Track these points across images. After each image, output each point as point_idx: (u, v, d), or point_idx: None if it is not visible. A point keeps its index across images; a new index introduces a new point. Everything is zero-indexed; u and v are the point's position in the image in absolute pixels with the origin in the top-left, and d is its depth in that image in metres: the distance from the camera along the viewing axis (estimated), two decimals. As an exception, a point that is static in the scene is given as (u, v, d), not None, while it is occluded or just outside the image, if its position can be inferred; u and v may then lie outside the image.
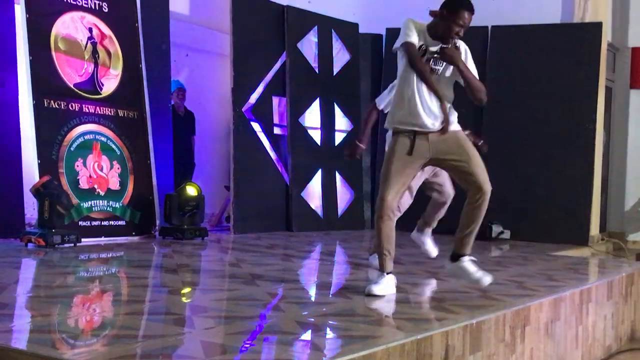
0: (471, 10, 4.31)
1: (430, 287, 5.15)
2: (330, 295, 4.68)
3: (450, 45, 4.30)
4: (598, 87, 9.02)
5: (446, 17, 4.28)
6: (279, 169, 8.82)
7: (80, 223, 6.62)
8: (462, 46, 4.42)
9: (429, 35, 4.36)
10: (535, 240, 8.64)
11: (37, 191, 6.11)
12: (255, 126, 8.54)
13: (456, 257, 4.46)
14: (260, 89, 8.61)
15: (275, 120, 8.85)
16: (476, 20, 10.21)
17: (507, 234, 8.79)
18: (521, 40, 9.37)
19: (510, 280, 5.31)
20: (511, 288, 4.95)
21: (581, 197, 8.91)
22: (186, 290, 4.68)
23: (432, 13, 4.41)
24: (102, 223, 6.86)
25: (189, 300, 4.36)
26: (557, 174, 8.99)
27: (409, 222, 5.98)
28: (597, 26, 9.11)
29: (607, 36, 9.65)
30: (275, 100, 8.85)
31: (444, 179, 5.86)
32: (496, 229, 8.70)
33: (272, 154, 8.74)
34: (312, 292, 4.90)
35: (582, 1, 9.39)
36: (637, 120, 11.02)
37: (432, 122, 4.36)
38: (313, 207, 9.09)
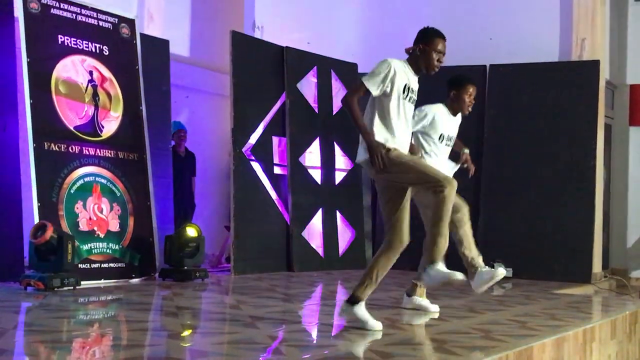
0: (443, 37, 4.63)
1: (432, 328, 5.10)
2: (332, 338, 4.64)
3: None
4: (597, 124, 9.04)
5: (423, 49, 4.56)
6: (280, 208, 8.80)
7: (79, 266, 6.58)
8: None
9: (410, 70, 4.58)
10: (538, 278, 8.59)
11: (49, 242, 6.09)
12: (256, 166, 8.55)
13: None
14: (260, 129, 8.64)
15: (276, 160, 8.86)
16: (474, 59, 10.33)
17: (509, 273, 8.73)
18: (519, 79, 9.42)
19: (513, 320, 5.27)
20: (514, 328, 4.90)
21: (583, 234, 8.88)
22: (186, 333, 4.63)
23: (407, 50, 4.64)
24: (102, 265, 6.82)
25: (188, 345, 4.32)
26: (559, 211, 8.96)
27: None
28: (595, 64, 9.17)
29: (605, 74, 9.70)
30: (275, 140, 8.88)
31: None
32: (498, 267, 8.62)
33: (273, 194, 8.73)
34: (314, 334, 4.86)
35: (580, 40, 9.46)
36: (637, 156, 11.03)
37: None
38: (314, 246, 9.06)
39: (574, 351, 4.81)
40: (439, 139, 5.44)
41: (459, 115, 5.60)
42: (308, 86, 9.30)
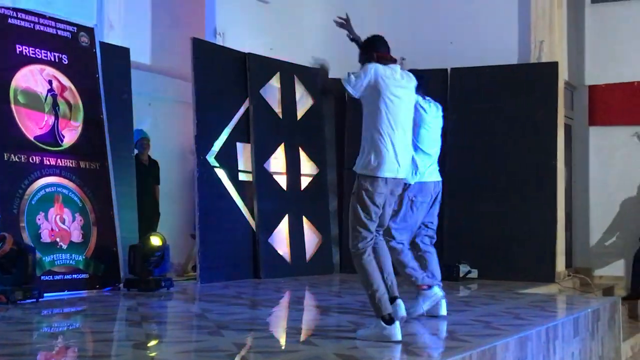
0: None
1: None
2: (300, 343, 4.64)
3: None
4: (557, 125, 9.17)
5: None
6: (245, 215, 8.77)
7: (42, 277, 6.50)
8: None
9: None
10: (503, 278, 8.66)
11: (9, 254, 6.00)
12: (220, 173, 8.51)
13: None
14: (224, 136, 8.60)
15: (240, 166, 8.83)
16: (436, 63, 10.42)
17: (474, 273, 8.81)
18: (480, 81, 9.52)
19: (477, 320, 5.32)
20: (478, 328, 4.95)
21: (546, 234, 8.98)
22: (151, 343, 4.60)
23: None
24: (65, 277, 6.74)
25: (154, 354, 4.29)
26: (522, 212, 9.06)
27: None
28: (554, 66, 9.30)
29: (564, 75, 9.84)
30: (239, 147, 8.84)
31: None
32: (463, 268, 8.71)
33: (238, 201, 8.70)
34: (281, 340, 4.86)
35: (538, 42, 9.59)
36: (597, 156, 11.21)
37: None
38: (281, 252, 9.04)
39: (537, 350, 4.87)
40: None
41: None
42: (271, 92, 9.30)
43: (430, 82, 9.84)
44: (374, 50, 4.74)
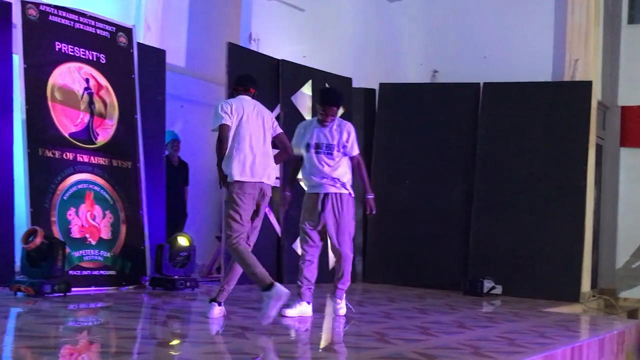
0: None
1: (421, 343, 5.11)
2: (320, 350, 4.65)
3: None
4: (588, 144, 9.11)
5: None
6: (271, 220, 8.80)
7: (70, 272, 6.58)
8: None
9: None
10: (527, 296, 8.61)
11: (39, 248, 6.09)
12: (248, 178, 8.53)
13: None
14: (254, 141, 8.62)
15: (269, 172, 8.84)
16: (469, 77, 10.38)
17: (498, 290, 8.77)
18: (513, 98, 9.49)
19: (502, 337, 5.29)
20: (502, 345, 4.93)
21: (572, 254, 8.92)
22: (175, 342, 4.64)
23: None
24: (93, 272, 6.82)
25: (177, 353, 4.32)
26: (549, 230, 9.01)
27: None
28: (587, 85, 9.25)
29: (597, 95, 9.78)
30: (268, 152, 8.86)
31: None
32: (487, 284, 8.67)
33: (265, 206, 8.72)
34: (301, 345, 4.86)
35: (573, 60, 9.54)
36: (627, 177, 11.11)
37: None
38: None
39: (561, 369, 4.84)
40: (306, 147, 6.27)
41: (330, 125, 6.23)
42: (302, 99, 9.34)
43: (459, 96, 9.88)
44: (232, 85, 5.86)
